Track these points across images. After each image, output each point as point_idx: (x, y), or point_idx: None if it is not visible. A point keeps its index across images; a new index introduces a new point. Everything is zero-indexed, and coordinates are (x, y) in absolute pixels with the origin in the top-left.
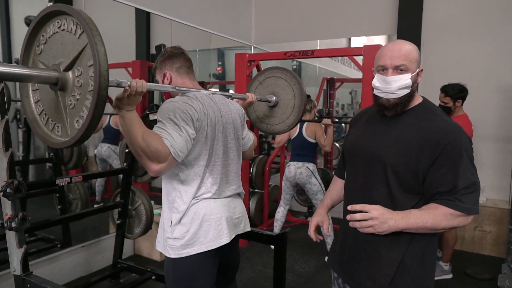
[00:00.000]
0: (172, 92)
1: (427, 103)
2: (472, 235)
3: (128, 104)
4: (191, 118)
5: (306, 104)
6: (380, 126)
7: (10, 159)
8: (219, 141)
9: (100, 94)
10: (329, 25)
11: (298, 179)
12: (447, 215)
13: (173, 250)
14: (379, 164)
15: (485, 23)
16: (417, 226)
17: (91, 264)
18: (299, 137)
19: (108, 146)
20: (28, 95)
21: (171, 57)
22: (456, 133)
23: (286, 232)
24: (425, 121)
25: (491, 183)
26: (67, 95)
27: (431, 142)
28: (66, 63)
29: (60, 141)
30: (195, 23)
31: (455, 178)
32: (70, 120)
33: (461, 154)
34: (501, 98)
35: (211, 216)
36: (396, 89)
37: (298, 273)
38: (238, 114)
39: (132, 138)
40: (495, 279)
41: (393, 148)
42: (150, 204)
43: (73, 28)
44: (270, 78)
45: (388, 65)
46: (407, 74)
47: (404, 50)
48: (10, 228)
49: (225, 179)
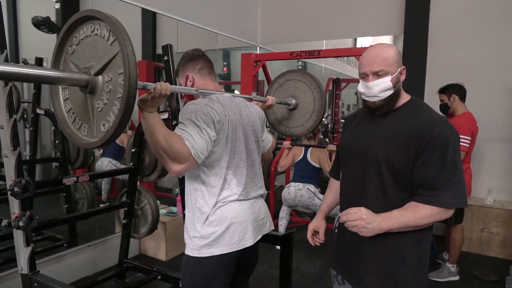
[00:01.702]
0: (194, 94)
1: (415, 100)
2: (480, 237)
3: (152, 106)
4: (212, 120)
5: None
6: (371, 124)
7: (18, 158)
8: (241, 143)
9: (128, 102)
10: (335, 25)
11: (299, 202)
12: (428, 212)
13: (196, 249)
14: (371, 159)
15: (492, 22)
16: (399, 226)
17: (97, 263)
18: (304, 160)
19: (109, 161)
20: (58, 92)
21: (193, 59)
22: (442, 127)
23: (292, 233)
24: (412, 117)
25: (498, 184)
26: (95, 98)
27: (417, 136)
28: (97, 67)
29: (87, 141)
30: (201, 23)
31: (438, 171)
32: (97, 123)
33: (446, 147)
34: (509, 99)
35: (238, 219)
36: (378, 92)
37: (303, 274)
38: (259, 117)
39: (155, 139)
40: (502, 281)
41: (382, 143)
42: (156, 204)
43: (106, 35)
44: (290, 81)
45: (367, 72)
46: (387, 77)
47: (381, 56)
48: (17, 227)
49: (251, 180)
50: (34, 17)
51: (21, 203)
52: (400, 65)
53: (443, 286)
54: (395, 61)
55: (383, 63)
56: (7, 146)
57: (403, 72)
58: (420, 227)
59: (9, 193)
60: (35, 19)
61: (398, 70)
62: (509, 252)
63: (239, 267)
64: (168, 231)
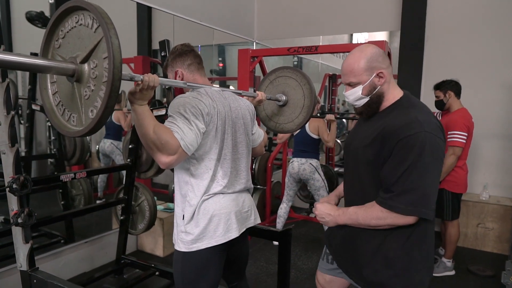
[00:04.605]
0: (183, 87)
1: (405, 99)
2: (475, 232)
3: (141, 98)
4: (201, 112)
5: (316, 104)
6: (361, 125)
7: (16, 154)
8: (229, 135)
9: (114, 84)
10: (331, 21)
11: (302, 175)
12: (378, 214)
13: (184, 244)
14: (356, 157)
15: (490, 19)
16: (352, 222)
17: (94, 259)
18: (302, 133)
19: (111, 142)
20: (47, 87)
21: (182, 55)
22: (413, 130)
23: (291, 229)
24: (392, 118)
25: (494, 180)
26: (82, 86)
27: (389, 137)
28: (83, 55)
29: (75, 130)
30: (197, 18)
31: (394, 174)
32: (85, 110)
33: (410, 151)
34: (506, 95)
35: (220, 211)
36: (353, 101)
37: (300, 269)
38: (248, 110)
39: (144, 131)
40: (497, 276)
41: (362, 143)
42: (154, 200)
43: (89, 23)
44: (280, 78)
45: (344, 83)
46: (358, 87)
47: (350, 67)
48: (16, 224)
49: (235, 172)
50: (27, 11)
51: (20, 200)
52: (374, 70)
53: (439, 281)
54: (365, 70)
55: (351, 75)
56: (5, 142)
57: (382, 75)
58: (371, 227)
59: (7, 190)
60: (29, 13)
61: (372, 76)
62: (504, 247)
63: (231, 261)
64: (166, 227)
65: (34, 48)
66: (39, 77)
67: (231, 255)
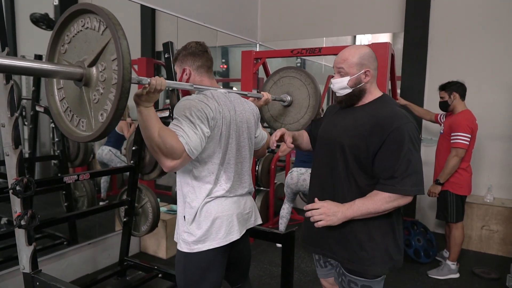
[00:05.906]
0: (189, 89)
1: (385, 97)
2: (480, 234)
3: (147, 100)
4: (206, 116)
5: (320, 104)
6: (341, 116)
7: (20, 156)
8: (233, 140)
9: (124, 86)
10: (335, 22)
11: (301, 186)
12: (386, 199)
13: (186, 244)
14: (338, 146)
15: (493, 20)
16: (361, 213)
17: (97, 261)
18: None
19: (110, 149)
20: (53, 93)
21: (194, 55)
22: (401, 121)
23: (294, 231)
24: (377, 111)
25: (498, 182)
26: (91, 90)
27: (378, 128)
28: (90, 59)
29: (85, 135)
30: (201, 20)
31: (395, 162)
32: (95, 115)
33: (403, 140)
34: (509, 96)
35: (223, 213)
36: (337, 90)
37: (304, 272)
38: (253, 114)
39: (149, 134)
40: (502, 279)
41: (348, 132)
42: (157, 201)
43: (96, 25)
44: (285, 78)
45: (334, 69)
46: (346, 77)
47: (345, 57)
48: (19, 226)
49: (237, 176)
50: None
51: (23, 202)
52: (363, 67)
53: (443, 283)
54: (356, 64)
55: (344, 63)
56: (9, 144)
57: (369, 73)
58: (381, 212)
59: (10, 191)
60: (33, 15)
61: (360, 72)
62: (509, 249)
63: (233, 263)
64: (169, 229)
65: (38, 50)
66: (45, 83)
67: (232, 257)
